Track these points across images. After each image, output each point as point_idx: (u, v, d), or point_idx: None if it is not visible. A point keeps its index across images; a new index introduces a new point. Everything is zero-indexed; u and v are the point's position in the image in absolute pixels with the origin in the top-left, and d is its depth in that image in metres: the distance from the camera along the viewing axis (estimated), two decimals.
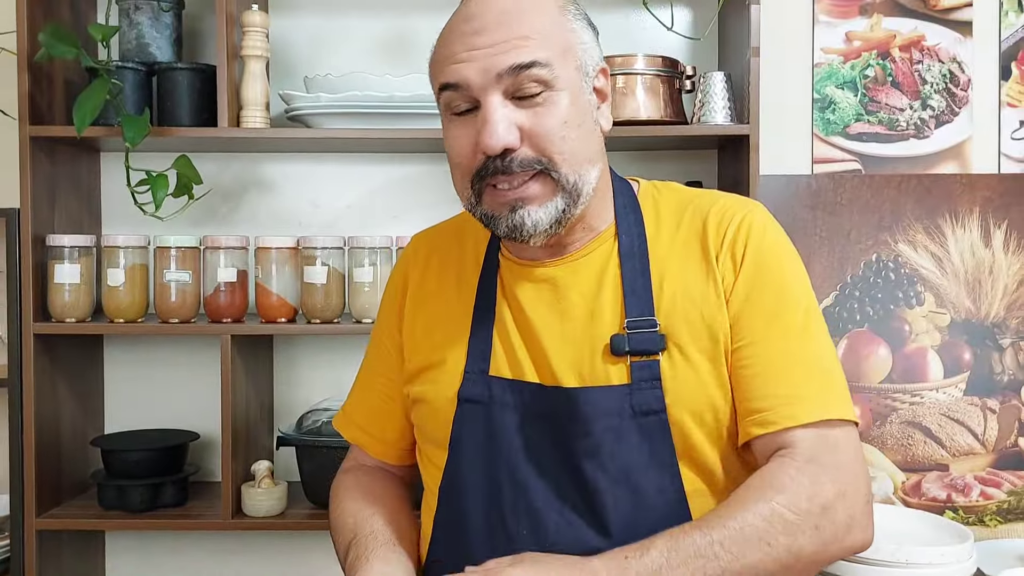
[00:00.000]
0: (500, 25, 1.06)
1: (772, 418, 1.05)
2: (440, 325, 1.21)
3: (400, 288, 1.29)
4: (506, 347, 1.16)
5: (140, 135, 1.68)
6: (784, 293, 1.10)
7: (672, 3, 1.89)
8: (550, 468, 1.09)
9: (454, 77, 1.07)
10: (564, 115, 1.07)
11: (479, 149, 1.06)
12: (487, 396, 1.13)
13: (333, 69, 1.95)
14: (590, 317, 1.12)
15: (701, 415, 1.08)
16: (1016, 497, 2.00)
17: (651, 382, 1.08)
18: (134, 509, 1.82)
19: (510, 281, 1.18)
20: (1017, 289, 2.01)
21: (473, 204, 1.11)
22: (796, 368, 1.07)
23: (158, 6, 1.85)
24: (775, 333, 1.08)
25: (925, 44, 2.01)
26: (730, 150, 1.90)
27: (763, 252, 1.11)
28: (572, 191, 1.08)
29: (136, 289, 1.82)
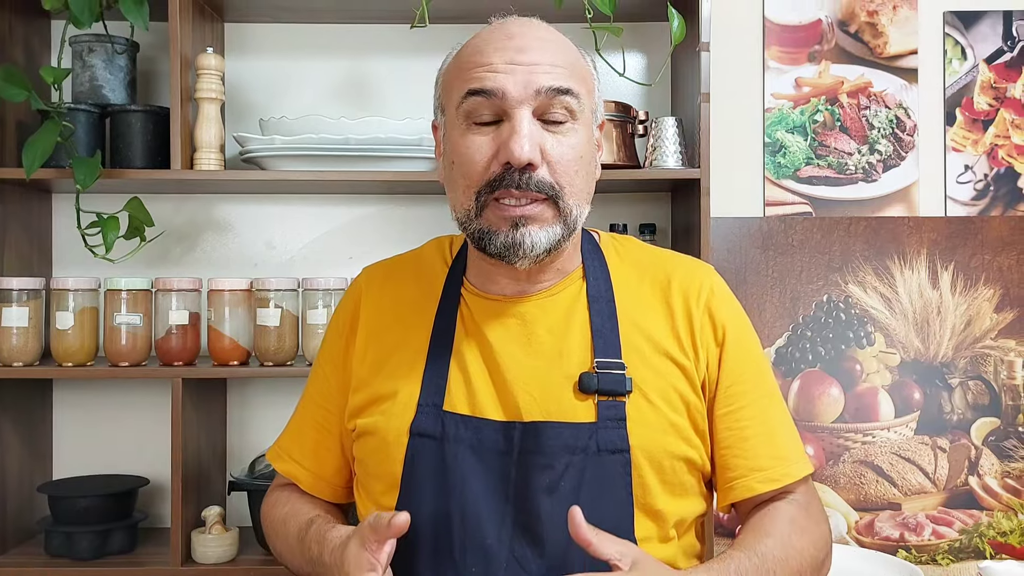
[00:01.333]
0: (542, 49, 1.10)
1: (775, 475, 1.14)
2: (393, 357, 1.18)
3: (349, 319, 1.25)
4: (465, 382, 1.14)
5: (91, 177, 1.67)
6: (758, 358, 1.20)
7: (624, 49, 1.91)
8: (504, 505, 1.08)
9: (491, 84, 1.07)
10: (581, 149, 1.11)
11: (499, 159, 1.07)
12: (440, 431, 1.11)
13: (289, 111, 1.96)
14: (558, 355, 1.13)
15: (660, 462, 1.10)
16: (967, 536, 2.02)
17: (616, 422, 1.09)
18: (81, 557, 1.78)
19: (476, 315, 1.17)
20: (964, 329, 2.04)
21: (471, 218, 1.10)
22: (781, 429, 1.17)
23: (112, 48, 1.85)
24: (762, 397, 1.17)
25: (872, 90, 2.05)
26: (682, 193, 1.92)
27: (735, 319, 1.19)
28: (570, 223, 1.10)
29: (86, 332, 1.80)
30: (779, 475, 1.14)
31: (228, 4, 1.94)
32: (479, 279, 1.19)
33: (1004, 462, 2.04)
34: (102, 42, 1.84)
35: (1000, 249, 2.04)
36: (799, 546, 1.10)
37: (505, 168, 1.07)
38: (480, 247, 1.12)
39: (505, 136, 1.07)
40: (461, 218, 1.12)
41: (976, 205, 2.05)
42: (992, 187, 2.05)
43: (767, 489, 1.13)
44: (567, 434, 1.08)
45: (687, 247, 1.83)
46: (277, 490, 1.29)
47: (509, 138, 1.06)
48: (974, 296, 2.04)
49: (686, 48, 1.84)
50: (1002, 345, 2.04)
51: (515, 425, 1.10)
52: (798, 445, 1.18)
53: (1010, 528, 2.03)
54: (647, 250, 1.25)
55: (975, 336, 2.04)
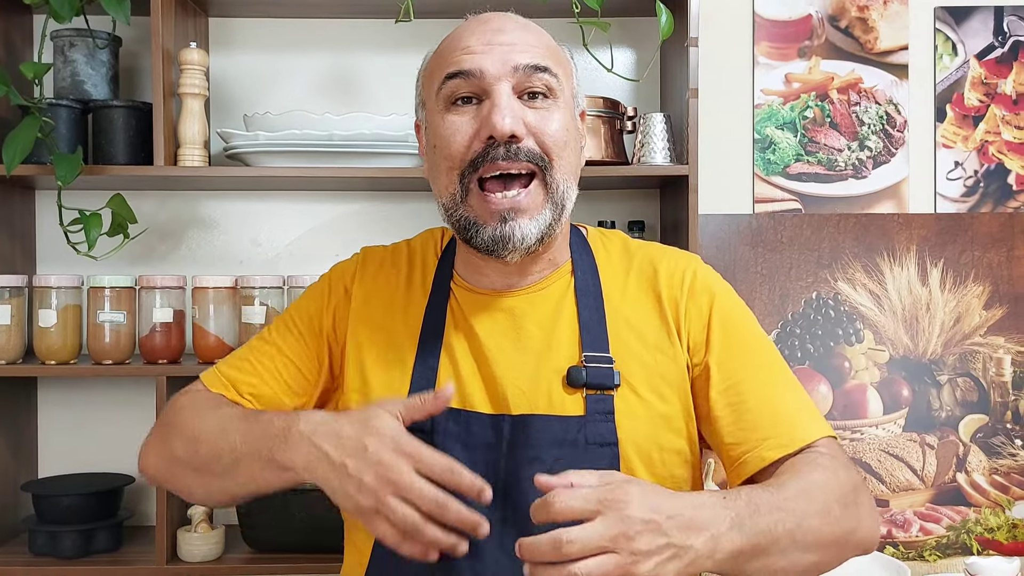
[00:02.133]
0: (517, 30, 1.11)
1: (785, 441, 1.07)
2: (383, 349, 1.18)
3: (340, 287, 1.23)
4: (455, 376, 1.13)
5: (72, 173, 1.65)
6: (752, 331, 1.17)
7: (612, 45, 1.90)
8: (496, 498, 1.04)
9: (468, 65, 1.08)
10: (564, 124, 1.11)
11: (480, 135, 1.07)
12: (429, 425, 1.09)
13: (273, 107, 1.94)
14: (547, 348, 1.13)
15: (649, 455, 1.10)
16: (955, 532, 2.02)
17: (605, 415, 1.09)
18: (66, 556, 1.77)
19: (465, 309, 1.17)
20: (954, 326, 2.04)
21: (457, 202, 1.10)
22: (787, 395, 1.12)
23: (93, 43, 1.83)
24: (760, 369, 1.13)
25: (862, 86, 2.04)
26: (671, 190, 1.91)
27: (723, 297, 1.18)
28: (559, 202, 1.10)
29: (69, 330, 1.78)
30: (790, 439, 1.08)
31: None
32: (468, 272, 1.19)
33: (992, 459, 2.04)
34: (83, 37, 1.82)
35: (990, 246, 2.03)
36: (821, 480, 1.02)
37: (488, 143, 1.06)
38: (466, 239, 1.11)
39: (486, 112, 1.07)
40: (446, 203, 1.11)
41: (966, 202, 2.05)
42: (982, 184, 2.05)
43: (780, 455, 1.07)
44: (556, 427, 1.08)
45: (676, 244, 1.82)
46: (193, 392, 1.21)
47: (490, 112, 1.06)
48: (963, 293, 2.03)
49: (675, 43, 1.83)
50: (991, 342, 2.04)
51: (504, 418, 1.09)
52: (808, 410, 1.12)
53: (997, 524, 2.03)
54: (633, 244, 1.25)
55: (964, 333, 2.04)
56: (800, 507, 0.98)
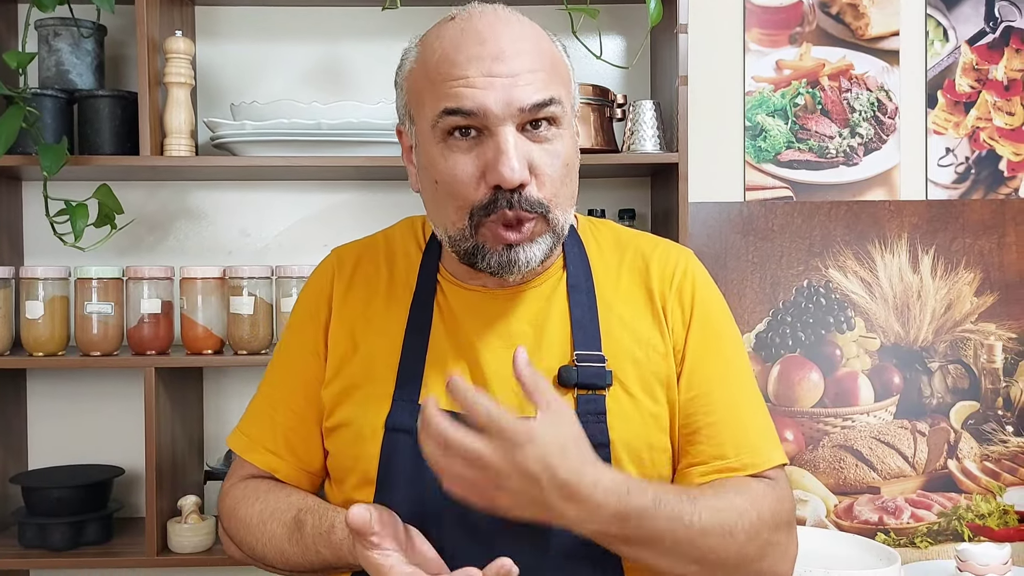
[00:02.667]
0: (518, 54, 1.03)
1: (736, 464, 1.08)
2: (366, 347, 1.14)
3: (324, 301, 1.19)
4: (442, 375, 1.10)
5: (57, 164, 1.64)
6: (729, 344, 1.16)
7: (600, 32, 1.89)
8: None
9: (470, 103, 1.00)
10: (567, 156, 1.06)
11: (488, 181, 1.02)
12: (415, 426, 1.05)
13: (260, 96, 1.93)
14: (538, 347, 1.10)
15: (640, 455, 1.09)
16: (946, 519, 2.02)
17: (597, 416, 1.07)
18: (56, 548, 1.77)
19: (454, 306, 1.14)
20: (945, 313, 2.03)
21: (466, 236, 1.05)
22: (750, 417, 1.12)
23: (78, 32, 1.81)
24: (731, 384, 1.13)
25: (853, 73, 2.03)
26: (662, 178, 1.90)
27: (708, 301, 1.16)
28: (559, 232, 1.08)
29: (56, 322, 1.77)
30: (741, 464, 1.08)
31: None
32: (456, 268, 1.15)
33: (983, 445, 2.04)
34: (68, 26, 1.80)
35: (981, 232, 2.02)
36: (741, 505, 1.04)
37: (495, 190, 1.02)
38: (470, 263, 1.07)
39: (491, 156, 1.01)
40: (453, 235, 1.07)
41: (957, 188, 2.04)
42: (973, 170, 2.04)
43: (723, 477, 1.08)
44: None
45: (666, 232, 1.81)
46: (240, 485, 1.19)
47: (496, 160, 1.00)
48: (955, 280, 2.03)
49: (665, 30, 1.81)
50: (982, 329, 2.04)
51: None
52: (768, 434, 1.12)
53: (988, 511, 2.03)
54: (625, 234, 1.22)
55: (955, 320, 2.03)
56: (705, 522, 0.99)
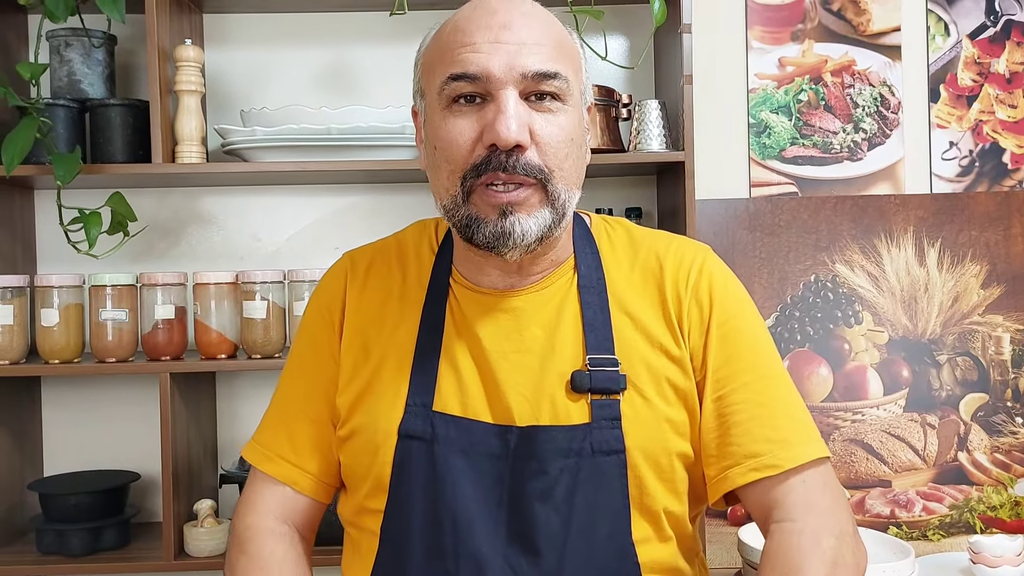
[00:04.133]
0: (526, 26, 1.03)
1: (771, 461, 1.05)
2: (379, 352, 1.13)
3: (338, 306, 1.18)
4: (456, 381, 1.09)
5: (71, 173, 1.66)
6: (754, 338, 1.13)
7: (605, 32, 1.90)
8: (497, 511, 1.05)
9: (474, 67, 1.01)
10: (571, 130, 1.05)
11: (484, 141, 1.01)
12: (430, 433, 1.06)
13: (269, 102, 1.95)
14: (550, 350, 1.09)
15: (657, 459, 1.07)
16: (957, 511, 2.03)
17: (611, 421, 1.05)
18: (74, 554, 1.78)
19: (466, 310, 1.12)
20: (952, 306, 2.04)
21: (458, 204, 1.04)
22: (783, 411, 1.08)
23: (89, 42, 1.83)
24: (758, 379, 1.09)
25: (856, 68, 2.05)
26: (668, 176, 1.92)
27: (727, 299, 1.13)
28: (560, 209, 1.05)
29: (71, 329, 1.79)
30: (776, 461, 1.05)
31: None
32: (468, 270, 1.14)
33: (993, 437, 2.05)
34: (79, 36, 1.82)
35: (987, 225, 2.04)
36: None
37: (491, 150, 1.01)
38: (467, 237, 1.06)
39: (490, 117, 1.01)
40: (447, 204, 1.06)
41: (962, 181, 2.05)
42: (977, 163, 2.05)
43: (761, 476, 1.05)
44: (561, 438, 1.05)
45: (673, 230, 1.82)
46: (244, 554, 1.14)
47: (495, 119, 1.00)
48: (961, 272, 2.04)
49: (668, 30, 1.83)
50: (990, 321, 2.05)
51: (510, 429, 1.06)
52: (804, 427, 1.08)
53: (999, 502, 2.04)
54: (638, 233, 1.20)
55: (963, 312, 2.04)
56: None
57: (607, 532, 1.04)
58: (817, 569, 1.00)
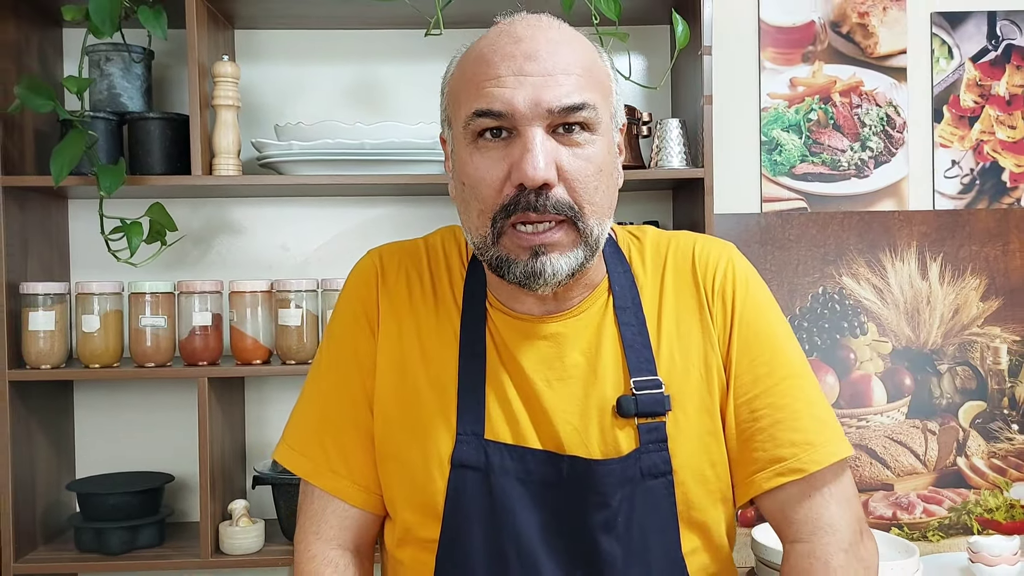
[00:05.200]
0: (552, 54, 1.00)
1: (796, 465, 1.07)
2: (417, 372, 1.11)
3: (373, 312, 1.15)
4: (503, 409, 1.08)
5: (116, 184, 1.72)
6: (775, 339, 1.12)
7: (629, 52, 1.98)
8: (560, 540, 1.05)
9: (499, 104, 0.99)
10: (600, 163, 1.02)
11: (512, 180, 0.99)
12: (484, 463, 1.05)
13: (300, 116, 2.01)
14: (593, 376, 1.09)
15: (702, 472, 1.08)
16: (956, 513, 2.12)
17: (659, 444, 1.06)
18: (113, 551, 1.84)
19: (505, 336, 1.10)
20: (953, 318, 2.13)
21: (488, 244, 1.03)
22: (806, 411, 1.09)
23: (129, 57, 1.89)
24: (781, 381, 1.10)
25: (863, 89, 2.13)
26: (685, 191, 1.99)
27: (749, 300, 1.13)
28: (592, 244, 1.03)
29: (111, 335, 1.85)
30: (801, 464, 1.06)
31: (238, 12, 1.98)
32: (503, 295, 1.12)
33: (990, 443, 2.14)
34: (119, 51, 1.88)
35: (986, 241, 2.13)
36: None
37: (520, 190, 0.99)
38: (499, 274, 1.05)
39: (517, 155, 0.99)
40: (478, 243, 1.05)
41: (963, 199, 2.15)
42: (978, 181, 2.14)
43: (787, 480, 1.07)
44: (617, 470, 1.05)
45: None
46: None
47: (521, 158, 0.98)
48: (961, 286, 2.13)
49: (687, 52, 1.91)
50: (988, 332, 2.14)
51: (563, 459, 1.06)
52: (827, 427, 1.09)
53: (996, 505, 2.13)
54: (663, 238, 1.19)
55: (963, 324, 2.14)
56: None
57: (661, 551, 1.06)
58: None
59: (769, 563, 1.73)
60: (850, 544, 1.07)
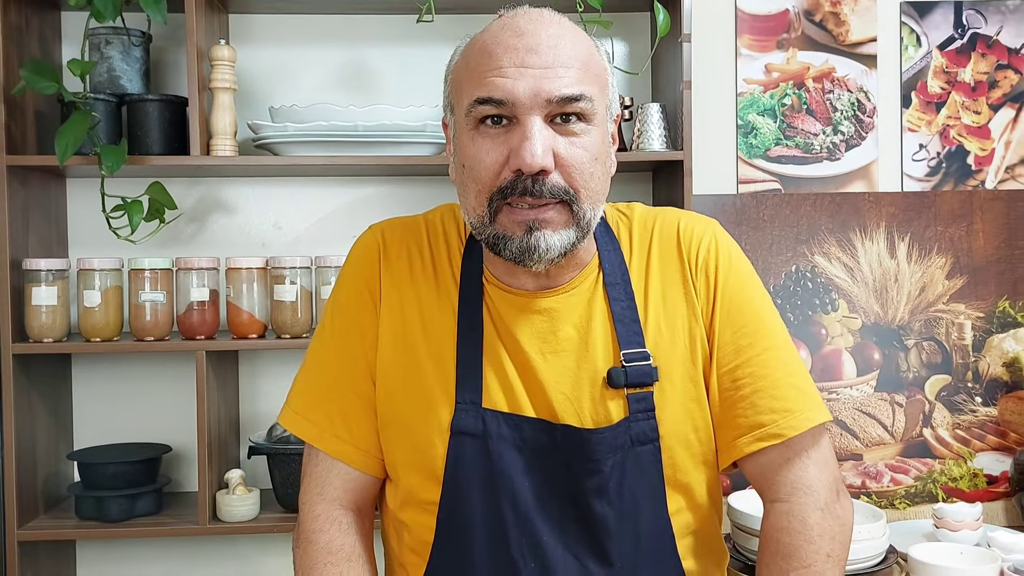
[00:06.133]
0: (553, 48, 1.06)
1: (775, 430, 1.14)
2: (418, 343, 1.17)
3: (375, 286, 1.21)
4: (500, 379, 1.14)
5: (118, 164, 1.78)
6: (757, 311, 1.19)
7: (613, 40, 2.06)
8: (555, 503, 1.12)
9: (500, 92, 1.05)
10: (595, 151, 1.08)
11: (510, 166, 1.05)
12: (482, 430, 1.11)
13: (292, 99, 2.07)
14: (584, 349, 1.15)
15: (687, 437, 1.15)
16: (922, 482, 2.22)
17: (647, 413, 1.13)
18: (112, 519, 1.91)
19: (501, 310, 1.16)
20: (919, 295, 2.23)
21: (485, 223, 1.09)
22: (785, 380, 1.16)
23: (128, 40, 1.95)
24: (763, 351, 1.16)
25: (835, 75, 2.22)
26: (665, 173, 2.08)
27: (732, 273, 1.19)
28: (585, 226, 1.10)
29: (111, 309, 1.91)
30: (780, 430, 1.13)
31: None
32: (499, 271, 1.18)
33: (955, 415, 2.24)
34: (119, 35, 1.94)
35: (951, 221, 2.23)
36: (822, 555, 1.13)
37: (517, 175, 1.05)
38: (495, 251, 1.11)
39: (516, 142, 1.05)
40: (475, 222, 1.11)
41: (930, 181, 2.24)
42: (944, 164, 2.24)
43: (767, 445, 1.14)
44: (609, 438, 1.12)
45: None
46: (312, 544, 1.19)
47: (520, 145, 1.04)
48: (928, 264, 2.23)
49: (667, 38, 1.98)
50: (953, 309, 2.24)
51: (556, 427, 1.12)
52: (805, 395, 1.16)
53: (960, 474, 2.23)
54: (649, 215, 1.25)
55: (929, 301, 2.23)
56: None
57: (649, 512, 1.14)
58: (802, 547, 1.13)
59: (744, 527, 1.82)
60: (826, 503, 1.14)
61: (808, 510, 1.14)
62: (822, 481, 1.15)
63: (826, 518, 1.14)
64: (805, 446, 1.15)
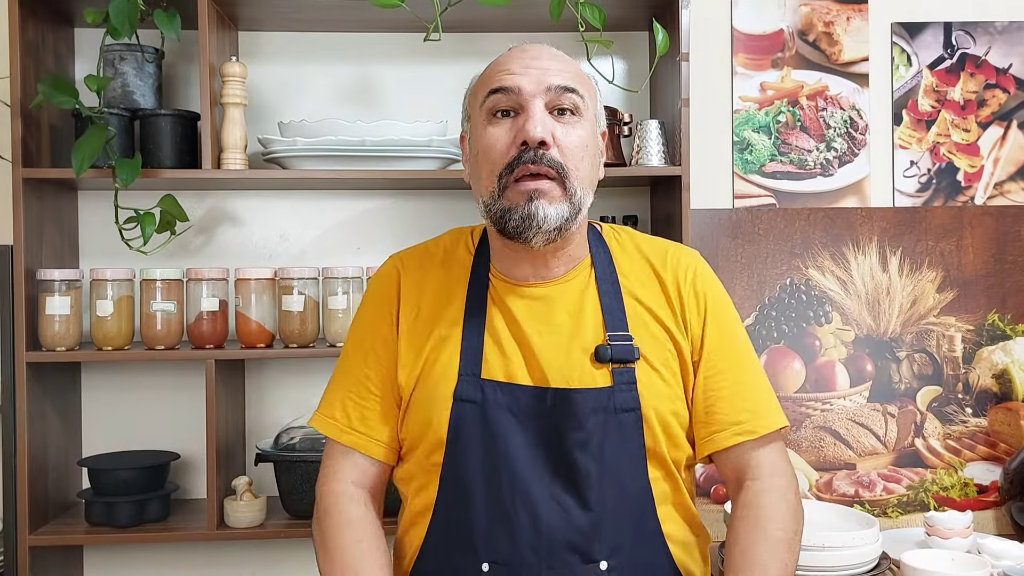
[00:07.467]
0: (552, 58, 1.32)
1: (750, 428, 1.34)
2: (432, 334, 1.35)
3: (394, 301, 1.39)
4: (499, 352, 1.32)
5: (132, 176, 1.83)
6: (735, 329, 1.40)
7: (613, 58, 2.11)
8: (544, 459, 1.27)
9: (508, 83, 1.28)
10: (585, 140, 1.30)
11: (517, 142, 1.26)
12: (480, 397, 1.28)
13: (300, 115, 2.12)
14: (576, 329, 1.33)
15: (664, 417, 1.31)
16: (914, 491, 2.27)
17: (629, 384, 1.30)
18: (121, 524, 1.94)
19: (503, 295, 1.35)
20: (911, 308, 2.29)
21: (495, 198, 1.28)
22: (755, 388, 1.37)
23: (142, 56, 2.00)
24: (739, 362, 1.37)
25: (829, 93, 2.28)
26: (663, 187, 2.13)
27: (717, 297, 1.40)
28: (576, 204, 1.29)
29: (123, 319, 1.96)
30: (754, 427, 1.34)
31: (243, 14, 2.09)
32: (503, 265, 1.37)
33: (946, 425, 2.29)
34: (133, 51, 1.99)
35: (942, 236, 2.28)
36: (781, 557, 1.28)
37: (522, 148, 1.25)
38: (501, 226, 1.29)
39: (522, 123, 1.26)
40: (486, 200, 1.30)
41: (920, 196, 2.30)
42: (934, 180, 2.30)
43: (742, 440, 1.33)
44: (592, 398, 1.28)
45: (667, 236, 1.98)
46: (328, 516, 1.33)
47: (525, 123, 1.26)
48: (919, 278, 2.29)
49: (666, 57, 2.04)
50: (943, 321, 2.29)
51: (547, 391, 1.29)
52: (772, 402, 1.37)
53: (951, 483, 2.28)
54: (640, 238, 1.46)
55: (920, 314, 2.29)
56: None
57: (631, 474, 1.29)
58: (784, 515, 1.31)
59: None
60: (797, 491, 1.35)
61: (786, 491, 1.33)
62: (789, 471, 1.36)
63: (798, 503, 1.34)
64: (772, 441, 1.36)
